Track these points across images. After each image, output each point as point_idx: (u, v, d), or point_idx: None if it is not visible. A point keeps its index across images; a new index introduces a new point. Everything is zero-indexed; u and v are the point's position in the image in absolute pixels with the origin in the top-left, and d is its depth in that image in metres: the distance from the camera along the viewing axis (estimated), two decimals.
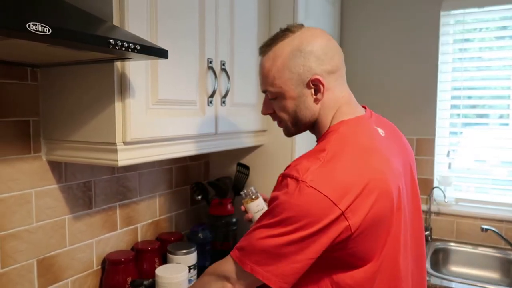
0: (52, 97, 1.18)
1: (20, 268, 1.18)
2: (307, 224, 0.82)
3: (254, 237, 0.87)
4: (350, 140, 0.91)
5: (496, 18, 2.04)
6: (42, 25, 0.67)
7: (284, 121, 1.02)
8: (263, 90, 1.01)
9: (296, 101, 0.96)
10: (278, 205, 0.85)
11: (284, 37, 0.96)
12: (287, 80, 0.95)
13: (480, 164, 2.12)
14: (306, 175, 0.84)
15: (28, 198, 1.19)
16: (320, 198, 0.82)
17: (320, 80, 0.93)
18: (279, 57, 0.95)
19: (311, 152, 0.91)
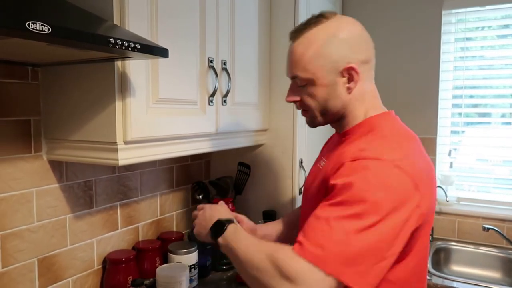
0: (52, 96, 1.18)
1: (21, 267, 1.18)
2: (396, 209, 0.77)
3: (335, 231, 0.76)
4: (401, 131, 0.93)
5: (498, 16, 2.03)
6: (42, 24, 0.67)
7: (311, 110, 0.98)
8: (292, 76, 0.97)
9: (327, 89, 0.93)
10: (360, 189, 0.78)
11: (317, 23, 0.93)
12: (320, 67, 0.92)
13: (482, 163, 2.11)
14: (389, 155, 0.81)
15: (29, 197, 1.19)
16: (405, 180, 0.79)
17: (355, 68, 0.91)
18: (313, 43, 0.92)
19: (370, 139, 0.88)
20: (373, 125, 0.93)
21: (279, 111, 1.73)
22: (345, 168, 0.83)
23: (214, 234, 0.98)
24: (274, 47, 1.73)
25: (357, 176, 0.79)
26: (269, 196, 1.78)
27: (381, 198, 0.77)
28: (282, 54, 1.70)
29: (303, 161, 1.74)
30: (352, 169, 0.82)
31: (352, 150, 0.87)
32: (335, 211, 0.79)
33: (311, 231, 0.80)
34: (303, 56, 0.93)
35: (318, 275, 0.75)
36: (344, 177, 0.81)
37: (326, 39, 0.91)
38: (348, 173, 0.81)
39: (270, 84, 1.74)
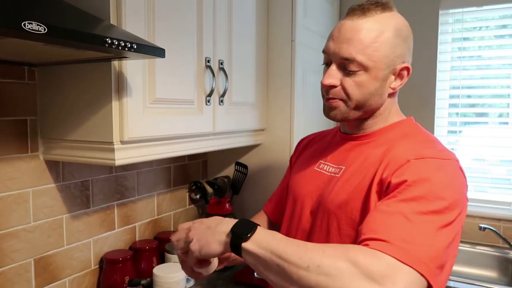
0: (49, 96, 1.18)
1: (17, 268, 1.18)
2: (462, 211, 0.76)
3: (419, 227, 0.71)
4: (430, 134, 0.92)
5: (496, 16, 2.04)
6: (38, 24, 0.67)
7: (348, 101, 0.89)
8: (346, 57, 0.85)
9: (377, 83, 0.87)
10: (438, 186, 0.75)
11: (385, 9, 0.86)
12: (384, 57, 0.85)
13: (479, 163, 2.12)
14: (453, 156, 0.82)
15: (26, 197, 1.19)
16: (465, 182, 0.81)
17: (410, 69, 0.88)
18: (386, 29, 0.84)
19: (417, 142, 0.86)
20: (408, 131, 0.91)
21: (277, 111, 1.73)
22: (412, 166, 0.78)
23: (242, 233, 0.73)
24: (271, 46, 1.72)
25: (431, 173, 0.76)
26: (266, 196, 1.76)
27: (457, 197, 0.76)
28: (279, 52, 1.70)
29: None
30: (423, 166, 0.78)
31: (406, 151, 0.82)
32: (412, 207, 0.72)
33: (387, 227, 0.71)
34: (369, 38, 0.83)
35: (406, 273, 0.66)
36: (414, 174, 0.76)
37: (396, 30, 0.85)
38: (419, 170, 0.77)
39: (267, 84, 1.74)
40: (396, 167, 0.80)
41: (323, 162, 0.99)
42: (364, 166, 0.88)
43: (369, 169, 0.86)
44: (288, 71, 1.69)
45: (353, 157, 0.92)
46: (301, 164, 1.08)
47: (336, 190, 0.90)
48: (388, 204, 0.75)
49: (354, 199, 0.85)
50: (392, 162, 0.82)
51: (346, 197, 0.87)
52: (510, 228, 1.98)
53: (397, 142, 0.88)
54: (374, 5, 0.86)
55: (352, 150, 0.94)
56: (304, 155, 1.11)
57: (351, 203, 0.86)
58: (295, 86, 1.69)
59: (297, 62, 1.69)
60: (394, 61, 0.86)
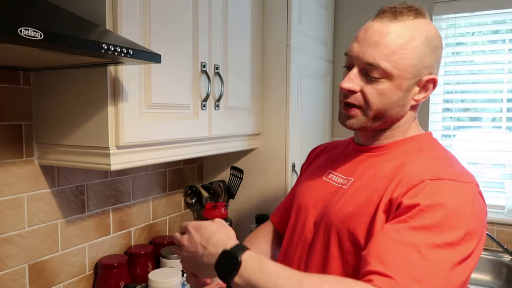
0: (44, 101, 1.18)
1: (11, 273, 1.17)
2: (480, 242, 0.70)
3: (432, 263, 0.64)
4: (448, 152, 0.86)
5: (489, 22, 2.06)
6: (34, 30, 0.67)
7: (367, 109, 0.83)
8: (370, 62, 0.79)
9: (401, 93, 0.81)
10: (454, 213, 0.68)
11: (418, 15, 0.80)
12: (410, 66, 0.79)
13: (473, 167, 2.13)
14: (473, 180, 0.75)
15: (20, 202, 1.18)
16: (485, 209, 0.74)
17: (436, 81, 0.82)
18: (417, 36, 0.78)
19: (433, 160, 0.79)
20: (424, 145, 0.85)
21: (272, 116, 1.74)
22: (427, 188, 0.71)
23: (225, 273, 0.67)
24: (266, 51, 1.73)
25: (448, 197, 0.69)
26: (261, 200, 1.78)
27: (474, 226, 0.69)
28: (274, 57, 1.71)
29: (295, 165, 1.74)
30: (437, 190, 0.71)
31: (421, 168, 0.75)
32: (425, 237, 0.66)
33: (397, 261, 0.65)
34: (397, 44, 0.78)
35: None
36: (429, 197, 0.69)
37: (426, 38, 0.79)
38: (435, 193, 0.70)
39: (263, 89, 1.75)
40: (409, 186, 0.73)
41: (332, 172, 0.94)
42: (373, 180, 0.82)
43: (379, 184, 0.80)
44: (283, 76, 1.70)
45: (363, 169, 0.87)
46: (310, 173, 1.04)
47: (342, 202, 0.85)
48: (398, 230, 0.69)
49: (359, 214, 0.80)
50: (405, 180, 0.75)
51: (352, 211, 0.81)
52: (503, 232, 1.99)
53: (412, 157, 0.81)
54: (407, 9, 0.80)
55: (363, 162, 0.89)
56: (314, 164, 1.07)
57: (355, 218, 0.80)
58: (290, 90, 1.69)
59: (292, 66, 1.70)
60: (421, 72, 0.80)
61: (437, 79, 0.83)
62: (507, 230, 1.99)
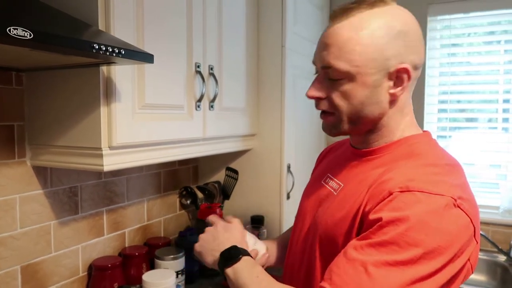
0: (37, 102, 1.17)
1: (3, 275, 1.16)
2: (451, 261, 0.64)
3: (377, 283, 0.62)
4: (449, 159, 0.78)
5: (484, 23, 2.06)
6: (23, 29, 0.66)
7: (338, 114, 0.79)
8: (325, 66, 0.77)
9: (368, 90, 0.75)
10: (415, 229, 0.63)
11: (373, 5, 0.75)
12: (370, 61, 0.73)
13: (469, 167, 2.14)
14: (450, 190, 0.66)
15: (13, 204, 1.17)
16: (467, 224, 0.66)
17: (408, 70, 0.74)
18: (366, 28, 0.73)
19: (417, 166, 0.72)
20: (416, 148, 0.78)
21: (267, 116, 1.73)
22: (394, 201, 0.67)
23: (224, 262, 0.84)
24: (261, 52, 1.73)
25: (411, 212, 0.64)
26: (257, 201, 1.77)
27: (441, 243, 0.63)
28: (269, 58, 1.71)
29: (291, 166, 1.74)
30: (403, 202, 0.66)
31: (397, 177, 0.70)
32: (378, 255, 0.63)
33: (342, 277, 0.64)
34: (349, 42, 0.73)
35: None
36: (391, 211, 0.65)
37: (383, 27, 0.73)
38: (399, 206, 0.65)
39: (258, 89, 1.75)
40: (378, 199, 0.70)
41: (329, 176, 0.91)
42: (357, 189, 0.78)
43: (359, 195, 0.76)
44: (279, 77, 1.70)
45: (353, 175, 0.83)
46: (315, 175, 1.01)
47: (329, 211, 0.82)
48: (357, 246, 0.67)
49: (339, 227, 0.77)
50: (376, 192, 0.71)
51: (335, 222, 0.79)
52: (498, 232, 2.00)
53: (398, 163, 0.76)
54: (358, 3, 0.76)
55: (355, 167, 0.84)
56: (321, 166, 1.04)
57: (335, 231, 0.77)
58: (285, 91, 1.69)
59: (287, 67, 1.69)
60: (386, 63, 0.74)
61: (409, 68, 0.75)
62: (501, 230, 1.99)
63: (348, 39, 0.74)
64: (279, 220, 1.73)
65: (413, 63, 0.76)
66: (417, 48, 0.76)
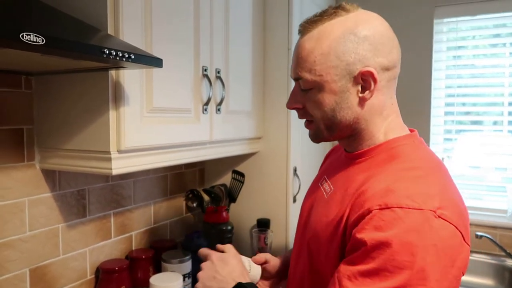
0: (46, 105, 1.18)
1: (12, 278, 1.17)
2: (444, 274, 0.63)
3: None
4: (432, 162, 0.78)
5: (490, 25, 2.06)
6: (36, 35, 0.67)
7: (315, 121, 0.82)
8: (296, 77, 0.82)
9: (336, 96, 0.77)
10: (400, 252, 0.62)
11: (334, 16, 0.78)
12: (331, 68, 0.76)
13: (474, 170, 2.13)
14: (430, 201, 0.65)
15: (21, 206, 1.18)
16: (452, 232, 0.65)
17: (372, 73, 0.75)
18: (326, 38, 0.76)
19: (397, 173, 0.72)
20: (397, 151, 0.78)
21: (273, 119, 1.74)
22: (375, 219, 0.66)
23: None
24: (268, 54, 1.73)
25: (392, 233, 0.63)
26: (263, 204, 1.78)
27: (427, 262, 0.62)
28: (276, 61, 1.71)
29: (297, 169, 1.74)
30: (383, 221, 0.65)
31: (376, 187, 0.70)
32: (372, 284, 0.63)
33: None
34: (311, 54, 0.77)
35: None
36: (373, 231, 0.65)
37: (342, 35, 0.76)
38: (379, 225, 0.65)
39: (264, 92, 1.75)
40: (358, 214, 0.70)
41: (325, 179, 0.92)
42: (342, 195, 0.79)
43: (343, 202, 0.77)
44: (285, 80, 1.70)
45: (343, 179, 0.84)
46: (316, 178, 1.02)
47: (318, 216, 0.84)
48: (350, 277, 0.66)
49: (324, 233, 0.78)
50: (357, 203, 0.72)
51: (322, 227, 0.80)
52: (506, 236, 1.98)
53: (381, 168, 0.76)
54: (320, 16, 0.79)
55: (344, 170, 0.86)
56: (323, 167, 1.05)
57: (321, 237, 0.79)
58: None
59: None
60: (349, 69, 0.76)
61: (372, 70, 0.75)
62: (509, 234, 1.98)
63: (310, 51, 0.78)
64: (285, 223, 1.73)
65: (381, 65, 0.77)
66: (384, 50, 0.77)
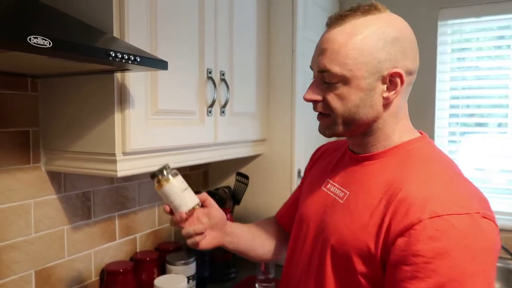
0: (52, 108, 1.18)
1: (18, 279, 1.18)
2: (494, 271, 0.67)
3: None
4: (450, 161, 0.80)
5: (494, 27, 2.05)
6: (43, 38, 0.68)
7: (333, 116, 0.81)
8: (321, 70, 0.80)
9: (362, 93, 0.77)
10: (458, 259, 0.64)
11: (367, 13, 0.78)
12: (363, 64, 0.76)
13: (479, 173, 2.12)
14: (473, 205, 0.68)
15: (27, 208, 1.19)
16: (495, 228, 0.69)
17: (401, 75, 0.77)
18: (360, 34, 0.76)
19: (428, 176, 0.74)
20: (416, 154, 0.79)
21: (277, 121, 1.74)
22: (427, 230, 0.66)
23: None
24: (272, 57, 1.74)
25: (450, 242, 0.64)
26: (267, 206, 1.77)
27: (486, 263, 0.66)
28: (280, 63, 1.72)
29: (301, 171, 1.74)
30: (437, 230, 0.65)
31: (415, 194, 0.71)
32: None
33: None
34: (344, 47, 0.76)
35: None
36: (429, 241, 0.65)
37: (376, 33, 0.76)
38: (434, 235, 0.65)
39: (268, 94, 1.75)
40: (406, 224, 0.69)
41: (330, 182, 0.91)
42: (368, 200, 0.78)
43: (375, 207, 0.76)
44: (289, 82, 1.70)
45: (357, 182, 0.83)
46: (312, 179, 1.01)
47: (338, 219, 0.82)
48: None
49: (356, 240, 0.76)
50: (401, 211, 0.71)
51: (349, 234, 0.78)
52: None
53: (404, 172, 0.76)
54: (353, 11, 0.78)
55: (357, 172, 0.85)
56: (317, 167, 1.04)
57: (352, 243, 0.77)
58: (295, 96, 1.69)
59: (298, 72, 1.70)
60: (379, 67, 0.76)
61: (402, 73, 0.77)
62: None
63: (342, 44, 0.76)
64: None
65: (407, 69, 0.79)
66: (411, 54, 0.80)
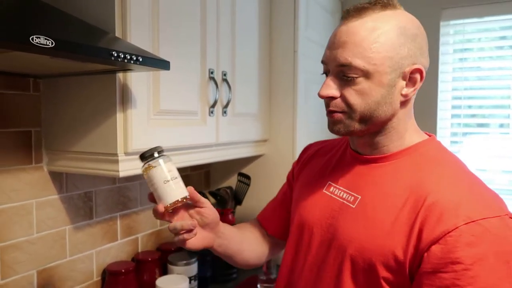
0: (54, 108, 1.19)
1: (20, 279, 1.18)
2: None
3: None
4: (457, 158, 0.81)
5: (496, 28, 2.05)
6: (46, 38, 0.68)
7: (351, 112, 0.77)
8: (341, 64, 0.75)
9: (384, 90, 0.75)
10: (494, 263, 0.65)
11: (386, 7, 0.76)
12: (387, 59, 0.73)
13: (481, 173, 2.11)
14: (500, 207, 0.70)
15: (29, 208, 1.19)
16: None
17: (422, 71, 0.75)
18: (382, 28, 0.73)
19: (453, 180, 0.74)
20: (430, 156, 0.79)
21: (279, 121, 1.74)
22: (464, 236, 0.65)
23: None
24: (274, 57, 1.74)
25: (486, 246, 0.65)
26: None
27: None
28: (282, 63, 1.71)
29: None
30: (475, 237, 0.65)
31: (445, 199, 0.70)
32: None
33: None
34: (366, 40, 0.73)
35: None
36: (466, 247, 0.65)
37: (398, 27, 0.74)
38: (470, 241, 0.65)
39: (270, 95, 1.75)
40: (441, 231, 0.67)
41: (333, 185, 0.86)
42: (387, 204, 0.75)
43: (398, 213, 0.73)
44: (291, 82, 1.70)
45: (370, 185, 0.80)
46: (307, 181, 0.95)
47: (354, 225, 0.78)
48: None
49: (381, 246, 0.73)
50: (431, 219, 0.69)
51: (370, 242, 0.75)
52: None
53: (424, 176, 0.75)
54: (372, 4, 0.76)
55: (366, 175, 0.82)
56: (309, 168, 0.99)
57: (374, 251, 0.73)
58: (297, 96, 1.69)
59: (299, 72, 1.70)
60: (401, 63, 0.74)
61: (423, 69, 0.76)
62: None
63: (365, 37, 0.73)
64: None
65: (424, 66, 0.78)
66: (426, 51, 0.79)
